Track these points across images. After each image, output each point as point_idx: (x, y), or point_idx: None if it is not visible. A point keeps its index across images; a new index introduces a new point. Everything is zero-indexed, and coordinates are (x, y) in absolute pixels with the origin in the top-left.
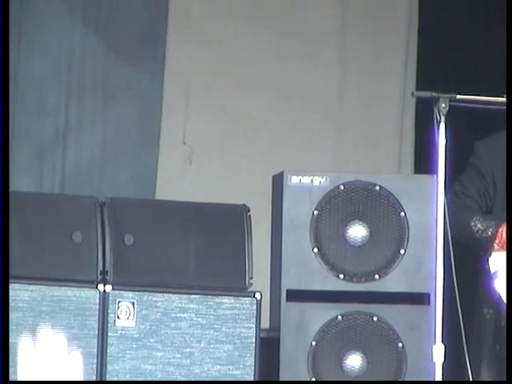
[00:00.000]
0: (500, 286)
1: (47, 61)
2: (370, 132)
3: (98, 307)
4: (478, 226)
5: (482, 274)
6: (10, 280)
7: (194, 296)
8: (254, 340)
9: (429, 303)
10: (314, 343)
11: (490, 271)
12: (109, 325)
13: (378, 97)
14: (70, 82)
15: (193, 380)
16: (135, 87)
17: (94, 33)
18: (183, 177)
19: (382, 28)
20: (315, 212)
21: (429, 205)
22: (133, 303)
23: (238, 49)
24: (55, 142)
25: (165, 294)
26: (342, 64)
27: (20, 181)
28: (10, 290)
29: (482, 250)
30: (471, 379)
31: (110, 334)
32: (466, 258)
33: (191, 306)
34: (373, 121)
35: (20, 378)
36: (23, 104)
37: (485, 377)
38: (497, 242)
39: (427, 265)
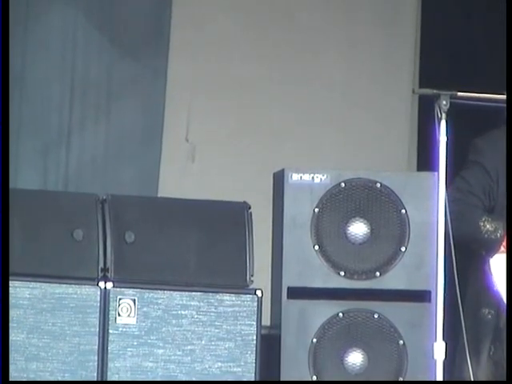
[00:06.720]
0: (501, 287)
1: (51, 57)
2: (375, 130)
3: (98, 304)
4: (487, 226)
5: (483, 274)
6: (11, 277)
7: (194, 293)
8: (254, 337)
9: (430, 301)
10: (314, 340)
11: (491, 272)
12: (110, 322)
13: (384, 94)
14: (73, 78)
15: (194, 378)
16: (138, 84)
17: (98, 30)
18: (186, 174)
19: (388, 26)
20: (316, 209)
21: (430, 202)
22: (134, 300)
23: (240, 47)
24: (59, 139)
25: (166, 292)
26: (347, 61)
27: (25, 177)
28: (10, 288)
29: (486, 250)
30: (472, 379)
31: (110, 331)
32: (464, 257)
33: (192, 303)
34: (378, 119)
35: None
36: (29, 101)
37: (479, 377)
38: (504, 243)
39: (428, 262)
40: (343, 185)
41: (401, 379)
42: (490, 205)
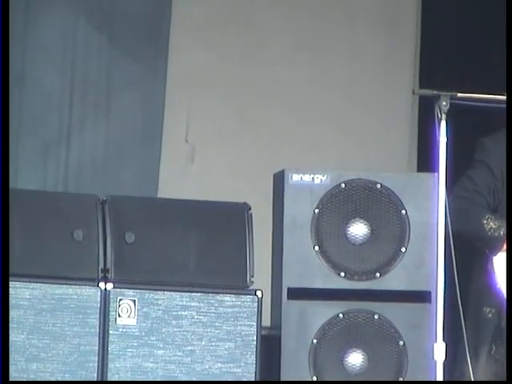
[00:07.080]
0: (504, 285)
1: (51, 58)
2: (375, 130)
3: (99, 305)
4: (491, 224)
5: (485, 273)
6: (11, 278)
7: (195, 294)
8: (255, 338)
9: (430, 301)
10: (315, 341)
11: (493, 270)
12: (110, 323)
13: (384, 94)
14: (73, 78)
15: (194, 379)
16: (138, 84)
17: (98, 30)
18: (185, 175)
19: (388, 26)
20: (316, 210)
21: (430, 203)
22: (134, 301)
23: (240, 47)
24: (59, 139)
25: (166, 292)
26: (348, 61)
27: (25, 177)
28: (10, 288)
29: (489, 248)
30: (472, 379)
31: (111, 331)
32: (467, 255)
33: (192, 303)
34: (378, 119)
35: None
36: (29, 101)
37: (480, 376)
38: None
39: (428, 263)
40: (343, 185)
41: (401, 380)
42: (495, 203)
